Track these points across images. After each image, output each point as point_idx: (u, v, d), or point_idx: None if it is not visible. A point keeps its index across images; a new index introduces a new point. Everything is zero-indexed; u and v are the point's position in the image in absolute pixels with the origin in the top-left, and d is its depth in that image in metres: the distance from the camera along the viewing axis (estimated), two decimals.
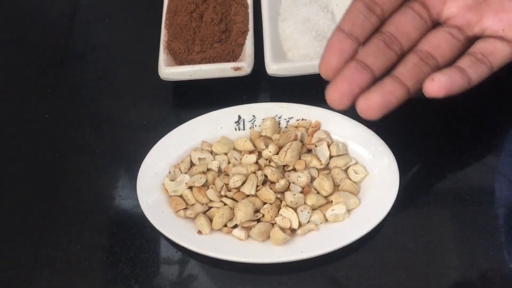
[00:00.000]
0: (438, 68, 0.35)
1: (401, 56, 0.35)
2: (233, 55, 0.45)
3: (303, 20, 0.46)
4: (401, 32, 0.35)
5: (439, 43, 0.35)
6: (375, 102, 0.33)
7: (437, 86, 0.33)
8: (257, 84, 0.46)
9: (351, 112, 0.41)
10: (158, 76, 0.44)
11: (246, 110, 0.43)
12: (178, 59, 0.45)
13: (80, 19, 0.52)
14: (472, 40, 0.36)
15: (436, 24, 0.37)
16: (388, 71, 0.35)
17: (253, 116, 0.43)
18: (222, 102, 0.44)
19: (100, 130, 0.45)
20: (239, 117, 0.43)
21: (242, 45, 0.45)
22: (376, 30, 0.35)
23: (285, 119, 0.42)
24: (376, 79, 0.34)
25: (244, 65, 0.44)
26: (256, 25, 0.47)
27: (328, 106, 0.39)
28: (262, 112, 0.43)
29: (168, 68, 0.44)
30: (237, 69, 0.44)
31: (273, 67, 0.43)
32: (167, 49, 0.46)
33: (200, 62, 0.45)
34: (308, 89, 0.44)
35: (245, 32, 0.46)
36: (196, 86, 0.45)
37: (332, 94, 0.34)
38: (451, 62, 0.35)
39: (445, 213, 0.39)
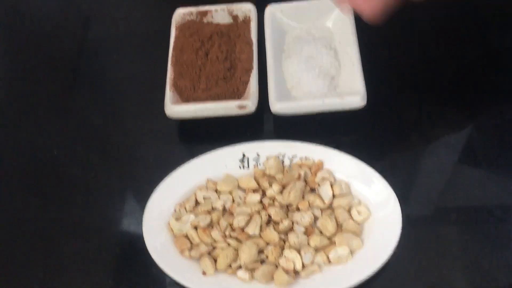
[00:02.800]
0: None
1: None
2: (238, 93, 0.46)
3: (307, 58, 0.47)
4: None
5: None
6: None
7: None
8: (261, 120, 0.47)
9: (354, 150, 0.42)
10: (164, 112, 0.45)
11: (250, 148, 0.43)
12: (184, 96, 0.46)
13: (88, 54, 0.53)
14: None
15: None
16: None
17: (257, 154, 0.43)
18: (227, 138, 0.45)
19: (107, 166, 0.46)
20: (243, 155, 0.43)
21: (246, 82, 0.46)
22: None
23: (288, 158, 0.43)
24: None
25: (249, 104, 0.44)
26: (260, 62, 0.48)
27: (331, 144, 0.39)
28: (266, 150, 0.43)
29: (174, 106, 0.45)
30: (241, 107, 0.44)
31: (277, 106, 0.44)
32: (173, 86, 0.46)
33: (206, 99, 0.46)
34: (311, 126, 0.45)
35: (249, 70, 0.46)
36: (201, 121, 0.46)
37: None
38: None
39: (450, 253, 0.39)
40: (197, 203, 0.42)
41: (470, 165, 0.43)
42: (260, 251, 0.39)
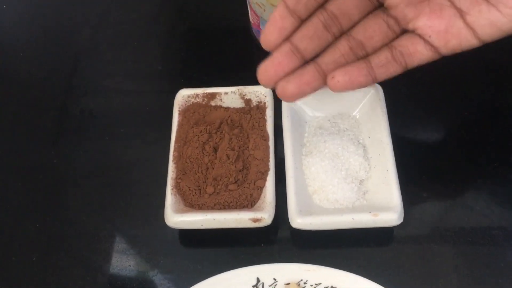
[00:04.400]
0: (364, 57, 0.35)
1: (337, 37, 0.36)
2: (251, 200, 0.39)
3: (331, 156, 0.41)
4: (343, 13, 0.35)
5: (373, 34, 0.35)
6: (290, 91, 0.35)
7: (336, 84, 0.34)
8: (279, 232, 0.40)
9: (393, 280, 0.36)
10: (163, 220, 0.38)
11: (266, 272, 0.37)
12: (188, 201, 0.39)
13: (64, 140, 0.47)
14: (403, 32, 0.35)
15: (379, 5, 0.36)
16: (319, 53, 0.36)
17: (274, 279, 0.36)
18: (237, 252, 0.38)
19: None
20: (258, 280, 0.37)
21: (261, 187, 0.39)
22: (320, 5, 0.35)
23: (311, 286, 0.36)
24: (305, 61, 0.35)
25: (265, 216, 0.38)
26: (277, 158, 0.41)
27: (365, 272, 0.34)
28: (285, 275, 0.36)
29: (176, 216, 0.38)
30: (256, 220, 0.38)
31: (298, 221, 0.37)
32: (175, 188, 0.40)
33: (213, 207, 0.39)
34: (341, 242, 0.39)
35: (265, 173, 0.40)
36: (207, 230, 0.39)
37: (262, 75, 0.36)
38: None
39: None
40: None
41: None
42: None
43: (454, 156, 0.42)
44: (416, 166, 0.42)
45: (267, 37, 0.35)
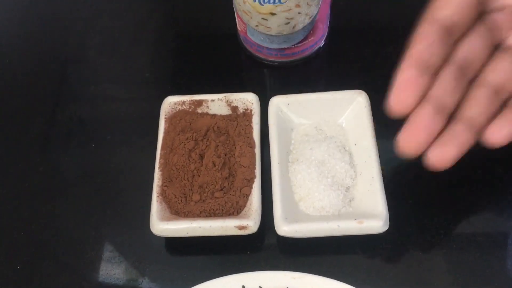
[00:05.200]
0: (504, 103, 0.33)
1: (470, 84, 0.34)
2: (237, 207, 0.39)
3: (317, 163, 0.41)
4: (471, 61, 0.34)
5: (506, 76, 0.33)
6: (451, 155, 0.32)
7: (500, 137, 0.33)
8: (265, 240, 0.40)
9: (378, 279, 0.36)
10: (149, 228, 0.38)
11: (252, 280, 0.36)
12: (174, 209, 0.39)
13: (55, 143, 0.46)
14: None
15: (495, 47, 0.35)
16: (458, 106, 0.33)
17: (260, 287, 0.36)
18: (223, 260, 0.38)
19: None
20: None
21: (247, 195, 0.39)
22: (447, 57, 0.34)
23: None
24: (448, 119, 0.33)
25: (250, 224, 0.37)
26: (263, 164, 0.41)
27: (351, 279, 0.34)
28: (270, 283, 0.36)
29: (162, 224, 0.38)
30: (242, 228, 0.37)
31: (283, 228, 0.37)
32: (161, 196, 0.39)
33: (199, 214, 0.39)
34: (326, 249, 0.39)
35: (251, 180, 0.40)
36: (194, 238, 0.39)
37: (408, 142, 0.32)
38: None
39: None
40: None
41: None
42: None
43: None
44: (402, 173, 0.42)
45: (400, 98, 0.32)
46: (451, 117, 0.33)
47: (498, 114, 0.33)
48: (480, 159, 0.41)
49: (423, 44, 0.33)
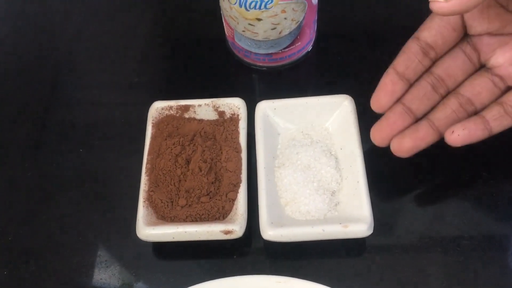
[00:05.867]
0: (474, 113, 0.38)
1: (444, 96, 0.39)
2: (223, 212, 0.39)
3: (303, 168, 0.41)
4: (449, 75, 0.39)
5: (480, 91, 0.38)
6: (406, 146, 0.37)
7: (456, 138, 0.37)
8: (252, 244, 0.40)
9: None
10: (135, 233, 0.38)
11: (238, 284, 0.36)
12: (160, 213, 0.39)
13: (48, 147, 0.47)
14: (509, 88, 0.38)
15: (481, 66, 0.39)
16: (429, 111, 0.39)
17: None
18: (210, 264, 0.39)
19: None
20: None
21: (233, 200, 0.39)
22: (427, 70, 0.39)
23: None
24: (416, 120, 0.38)
25: (236, 228, 0.38)
26: (249, 168, 0.41)
27: (337, 283, 0.35)
28: (256, 287, 0.36)
29: (148, 229, 0.38)
30: (227, 232, 0.38)
31: (269, 233, 0.37)
32: (147, 201, 0.40)
33: (185, 219, 0.39)
34: (312, 253, 0.39)
35: (237, 185, 0.40)
36: (180, 243, 0.39)
37: (376, 134, 0.39)
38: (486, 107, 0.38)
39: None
40: None
41: None
42: None
43: (424, 168, 0.42)
44: (387, 177, 0.42)
45: (379, 100, 0.38)
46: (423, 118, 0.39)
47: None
48: (465, 163, 0.42)
49: (404, 56, 0.39)
